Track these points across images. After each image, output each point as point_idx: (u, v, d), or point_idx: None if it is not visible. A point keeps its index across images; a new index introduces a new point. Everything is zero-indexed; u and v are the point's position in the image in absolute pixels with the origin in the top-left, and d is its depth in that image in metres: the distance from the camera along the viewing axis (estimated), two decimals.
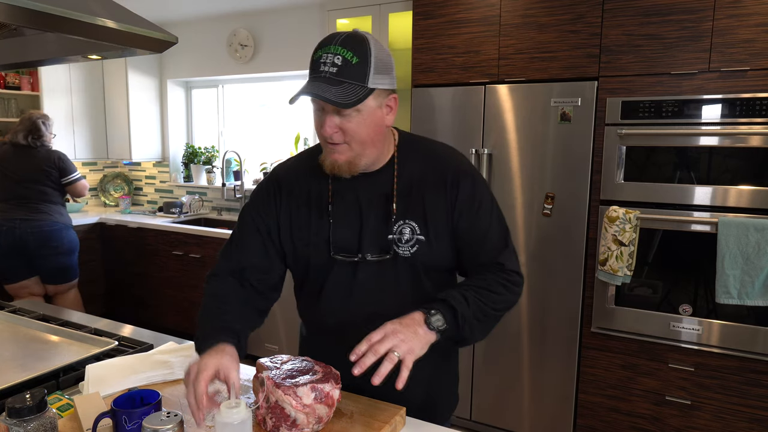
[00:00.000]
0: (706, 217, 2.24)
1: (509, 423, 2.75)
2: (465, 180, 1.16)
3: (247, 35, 4.06)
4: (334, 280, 1.19)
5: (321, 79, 1.04)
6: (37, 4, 1.13)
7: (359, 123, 1.07)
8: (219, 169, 4.46)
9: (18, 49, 1.65)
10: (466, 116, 2.71)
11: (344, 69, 1.03)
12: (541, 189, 2.57)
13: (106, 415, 0.96)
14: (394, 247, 1.15)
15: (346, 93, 1.02)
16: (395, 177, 1.16)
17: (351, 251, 1.17)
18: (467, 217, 1.16)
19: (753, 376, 2.24)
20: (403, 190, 1.16)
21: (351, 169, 1.12)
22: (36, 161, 3.30)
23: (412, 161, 1.18)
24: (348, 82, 1.03)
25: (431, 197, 1.15)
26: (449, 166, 1.18)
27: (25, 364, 1.36)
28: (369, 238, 1.16)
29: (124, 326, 1.71)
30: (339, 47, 1.04)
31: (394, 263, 1.16)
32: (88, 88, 4.37)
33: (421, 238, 1.15)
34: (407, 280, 1.17)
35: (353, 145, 1.09)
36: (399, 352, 0.97)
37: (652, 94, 2.32)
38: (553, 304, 2.59)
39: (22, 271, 3.33)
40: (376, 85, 1.06)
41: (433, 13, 2.78)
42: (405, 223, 1.15)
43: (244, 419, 0.93)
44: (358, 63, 1.03)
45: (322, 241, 1.18)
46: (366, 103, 1.05)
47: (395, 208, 1.15)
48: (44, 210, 3.30)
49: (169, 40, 1.48)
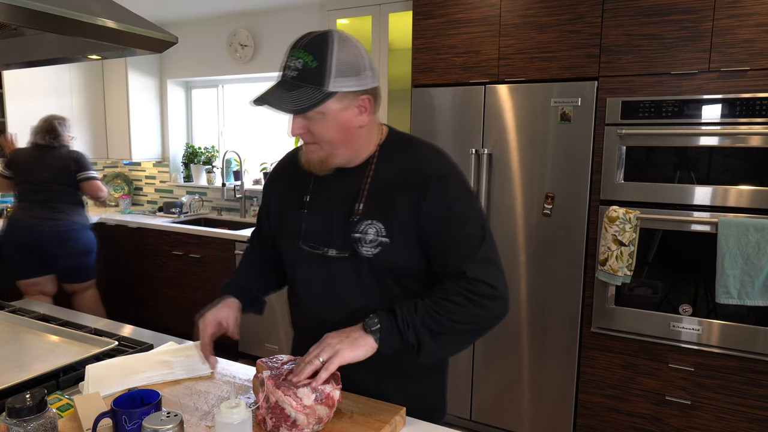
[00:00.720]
0: (706, 217, 2.24)
1: (509, 423, 2.75)
2: (437, 184, 1.12)
3: (247, 35, 4.06)
4: (303, 270, 1.23)
5: (280, 84, 1.06)
6: (37, 4, 1.13)
7: (323, 125, 1.08)
8: (219, 169, 4.46)
9: (18, 49, 1.65)
10: (466, 116, 2.71)
11: (303, 73, 1.04)
12: (541, 189, 2.57)
13: (106, 415, 0.96)
14: (355, 245, 1.13)
15: (299, 98, 1.03)
16: (369, 176, 1.16)
17: (318, 244, 1.19)
18: (434, 223, 1.11)
19: (753, 376, 2.24)
20: (375, 190, 1.15)
21: (323, 167, 1.14)
22: (55, 160, 3.38)
23: (391, 161, 1.17)
24: (305, 86, 1.03)
25: (401, 199, 1.12)
26: (425, 168, 1.15)
27: (25, 364, 1.36)
28: (336, 234, 1.16)
29: (124, 326, 1.71)
30: (301, 50, 1.04)
31: (356, 263, 1.15)
32: (88, 88, 4.37)
33: (385, 240, 1.12)
34: (371, 281, 1.15)
35: (323, 145, 1.11)
36: (323, 357, 1.03)
37: (652, 94, 2.32)
38: (553, 304, 2.59)
39: (35, 268, 3.37)
40: (338, 88, 1.04)
41: (433, 13, 2.78)
42: (371, 224, 1.13)
43: (244, 419, 0.93)
44: (317, 67, 1.03)
45: (294, 231, 1.21)
46: (327, 105, 1.05)
47: (361, 208, 1.14)
48: (63, 210, 3.35)
49: (169, 40, 1.48)
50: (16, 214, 3.33)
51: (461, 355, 2.82)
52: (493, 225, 2.68)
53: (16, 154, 3.43)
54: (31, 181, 3.33)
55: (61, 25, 1.21)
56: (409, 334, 1.04)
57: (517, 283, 2.66)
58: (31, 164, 3.36)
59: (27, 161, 3.37)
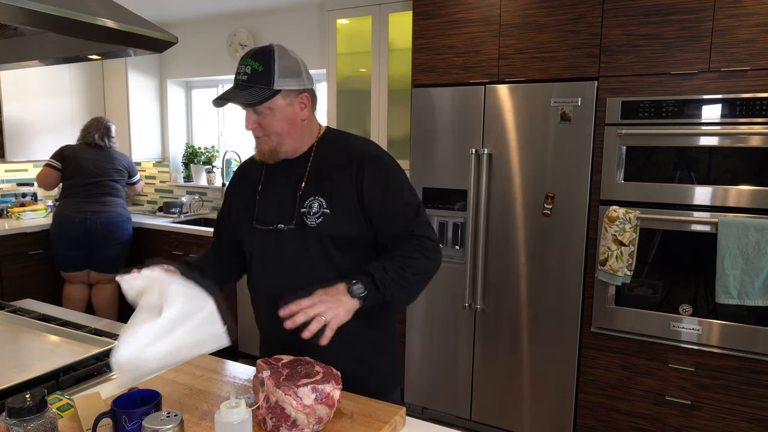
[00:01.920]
0: (706, 217, 2.24)
1: (509, 423, 2.75)
2: (370, 163, 1.32)
3: (247, 35, 4.06)
4: (258, 252, 1.37)
5: (235, 86, 1.27)
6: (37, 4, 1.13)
7: (272, 119, 1.28)
8: (219, 169, 4.46)
9: (18, 49, 1.65)
10: (466, 116, 2.71)
11: (252, 76, 1.25)
12: (541, 189, 2.57)
13: (106, 415, 0.96)
14: (302, 218, 1.31)
15: (252, 95, 1.24)
16: (310, 161, 1.36)
17: (269, 223, 1.35)
18: (375, 197, 1.30)
19: (753, 376, 2.24)
20: (315, 173, 1.35)
21: (273, 157, 1.33)
22: (111, 161, 3.67)
23: (329, 149, 1.38)
24: (255, 86, 1.25)
25: (339, 177, 1.32)
26: (357, 152, 1.35)
27: (25, 364, 1.36)
28: (284, 212, 1.34)
29: (124, 326, 1.71)
30: (249, 59, 1.26)
31: (303, 233, 1.31)
32: (88, 88, 4.37)
33: (326, 212, 1.31)
34: (317, 248, 1.31)
35: (271, 137, 1.31)
36: (326, 317, 1.11)
37: (652, 94, 2.32)
38: (553, 304, 2.59)
39: (81, 262, 3.60)
40: (282, 86, 1.26)
41: (433, 13, 2.78)
42: (315, 199, 1.32)
43: (244, 419, 0.93)
44: (264, 70, 1.25)
45: (249, 215, 1.39)
46: (275, 101, 1.26)
47: (303, 186, 1.34)
48: (111, 203, 3.62)
49: (169, 40, 1.48)
50: (66, 210, 3.53)
51: (461, 355, 2.83)
52: (493, 225, 2.68)
53: (69, 150, 3.64)
54: (85, 178, 3.57)
55: (61, 25, 1.21)
56: (386, 292, 1.20)
57: (517, 283, 2.66)
58: (85, 161, 3.59)
59: (80, 158, 3.60)
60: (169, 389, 1.23)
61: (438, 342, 2.89)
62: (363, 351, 1.37)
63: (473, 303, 2.77)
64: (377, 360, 1.41)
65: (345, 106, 3.54)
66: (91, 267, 3.66)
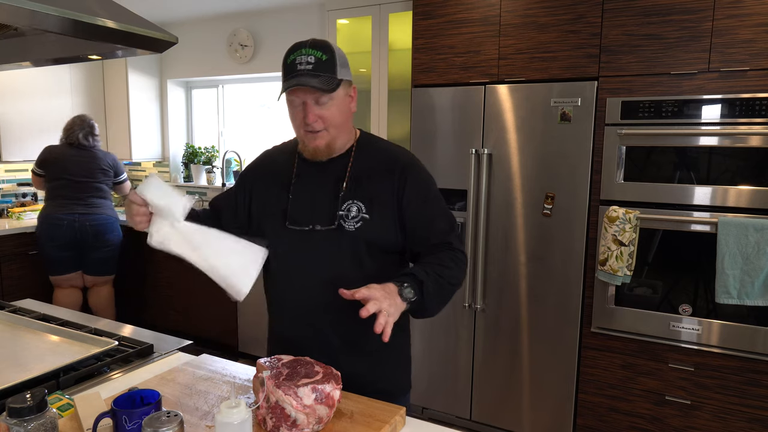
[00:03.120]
0: (706, 217, 2.24)
1: (509, 423, 2.75)
2: (412, 172, 1.33)
3: (247, 35, 4.06)
4: (285, 251, 1.33)
5: (302, 74, 1.22)
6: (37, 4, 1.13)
7: (335, 109, 1.26)
8: (219, 169, 4.46)
9: (18, 49, 1.65)
10: (466, 116, 2.71)
11: (318, 65, 1.22)
12: (541, 189, 2.57)
13: (106, 415, 0.96)
14: (340, 221, 1.29)
15: (324, 82, 1.22)
16: (350, 164, 1.34)
17: (303, 224, 1.32)
18: (416, 205, 1.31)
19: (753, 376, 2.24)
20: (355, 175, 1.33)
21: (329, 152, 1.31)
22: (96, 161, 3.58)
23: (366, 154, 1.36)
24: (323, 75, 1.22)
25: (379, 184, 1.31)
26: (399, 160, 1.35)
27: (25, 364, 1.36)
28: (320, 213, 1.32)
29: (124, 326, 1.71)
30: (309, 49, 1.23)
31: (339, 236, 1.29)
32: (88, 88, 4.37)
33: (365, 216, 1.29)
34: (350, 252, 1.29)
35: (330, 130, 1.28)
36: (391, 312, 1.10)
37: (652, 94, 2.32)
38: (553, 304, 2.59)
39: (71, 264, 3.55)
40: (343, 76, 1.26)
41: (433, 13, 2.78)
42: (353, 203, 1.30)
43: (244, 419, 0.93)
44: (328, 59, 1.23)
45: (280, 213, 1.34)
46: (338, 91, 1.25)
47: (345, 187, 1.31)
48: (99, 204, 3.58)
49: (169, 40, 1.48)
50: (51, 212, 3.46)
51: (461, 355, 2.83)
52: (493, 225, 2.68)
53: (50, 152, 3.56)
54: (69, 180, 3.48)
55: (61, 25, 1.21)
56: (428, 300, 1.19)
57: (517, 283, 2.66)
58: (69, 163, 3.51)
59: (64, 160, 3.51)
60: (169, 389, 1.23)
61: (438, 342, 2.89)
62: (376, 353, 1.36)
63: (473, 303, 2.77)
64: (389, 363, 1.39)
65: None
66: (84, 270, 3.62)
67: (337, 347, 1.31)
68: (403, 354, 1.45)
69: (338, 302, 1.15)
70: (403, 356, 1.44)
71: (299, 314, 1.34)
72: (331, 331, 1.31)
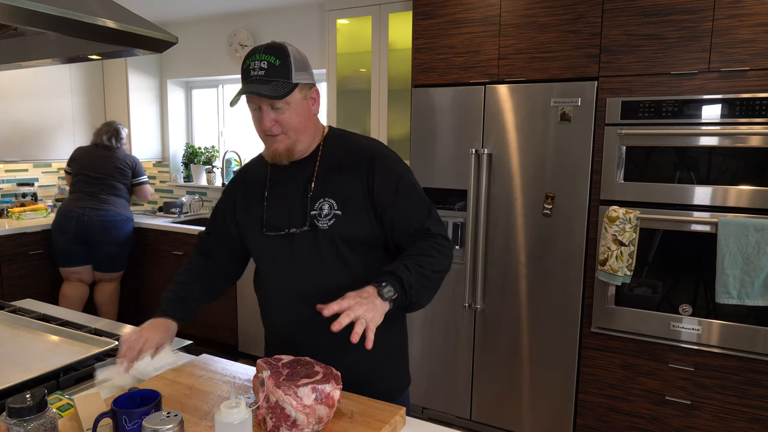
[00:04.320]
0: (706, 217, 2.24)
1: (509, 423, 2.75)
2: (380, 162, 1.31)
3: (247, 35, 4.06)
4: (269, 257, 1.35)
5: (253, 81, 1.23)
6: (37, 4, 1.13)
7: (291, 113, 1.25)
8: (219, 169, 4.46)
9: (18, 49, 1.65)
10: (466, 116, 2.71)
11: (270, 70, 1.22)
12: (541, 189, 2.57)
13: (106, 415, 0.96)
14: (314, 221, 1.29)
15: (275, 88, 1.21)
16: (317, 162, 1.34)
17: (280, 228, 1.33)
18: (387, 196, 1.29)
19: (753, 376, 2.24)
20: (324, 174, 1.32)
21: (289, 156, 1.31)
22: (114, 160, 3.77)
23: (334, 150, 1.35)
24: (275, 80, 1.22)
25: (348, 178, 1.30)
26: (366, 152, 1.33)
27: (25, 364, 1.36)
28: (295, 216, 1.32)
29: (124, 326, 1.71)
30: (262, 54, 1.23)
31: (315, 236, 1.29)
32: (88, 88, 4.37)
33: (337, 213, 1.29)
34: (329, 251, 1.29)
35: (289, 134, 1.28)
36: (366, 319, 1.09)
37: (652, 94, 2.32)
38: (553, 304, 2.59)
39: (79, 257, 3.67)
40: (299, 80, 1.24)
41: (433, 13, 2.78)
42: (324, 201, 1.30)
43: (244, 419, 0.93)
44: (281, 64, 1.22)
45: (257, 222, 1.36)
46: (293, 95, 1.24)
47: (313, 187, 1.31)
48: (111, 202, 3.69)
49: (169, 40, 1.48)
50: (67, 205, 3.64)
51: (461, 355, 2.83)
52: (493, 225, 2.68)
53: (78, 151, 3.82)
54: (88, 175, 3.69)
55: (61, 25, 1.21)
56: (412, 293, 1.19)
57: (517, 283, 2.66)
58: (91, 161, 3.74)
59: (87, 157, 3.76)
60: (169, 389, 1.23)
61: (438, 342, 2.89)
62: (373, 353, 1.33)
63: (473, 303, 2.77)
64: (387, 362, 1.39)
65: (345, 106, 3.54)
66: (93, 265, 3.73)
67: (330, 347, 1.29)
68: (400, 350, 1.44)
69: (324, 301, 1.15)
70: (399, 352, 1.44)
71: (289, 317, 1.34)
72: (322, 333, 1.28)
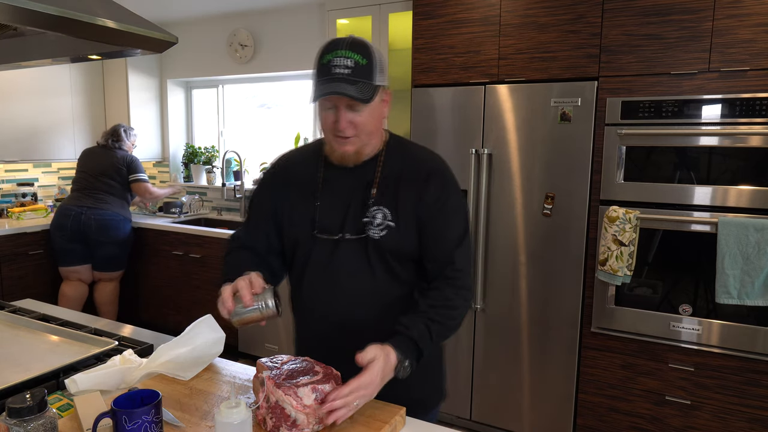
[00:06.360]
0: (706, 217, 2.24)
1: (509, 423, 2.75)
2: (435, 178, 1.26)
3: (247, 35, 4.06)
4: (315, 259, 1.29)
5: (338, 79, 1.14)
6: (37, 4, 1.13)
7: (368, 117, 1.20)
8: (219, 169, 4.46)
9: (18, 49, 1.65)
10: (466, 116, 2.71)
11: (356, 70, 1.14)
12: (541, 189, 2.57)
13: (106, 415, 0.96)
14: (365, 228, 1.25)
15: (363, 90, 1.14)
16: (378, 168, 1.28)
17: (332, 232, 1.27)
18: (430, 212, 1.25)
19: (753, 376, 2.24)
20: (383, 181, 1.27)
21: (357, 158, 1.26)
22: (111, 159, 3.79)
23: (395, 158, 1.30)
24: (361, 81, 1.15)
25: (405, 190, 1.26)
26: (425, 165, 1.29)
27: (25, 364, 1.36)
28: (349, 221, 1.26)
29: (124, 326, 1.71)
30: (348, 51, 1.15)
31: (366, 245, 1.25)
32: (88, 88, 4.37)
33: (390, 224, 1.24)
34: (378, 261, 1.25)
35: (362, 137, 1.22)
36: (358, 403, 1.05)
37: (652, 94, 2.32)
38: (553, 304, 2.59)
39: (78, 256, 3.69)
40: (380, 82, 1.19)
41: (433, 13, 2.78)
42: (379, 209, 1.25)
43: (244, 419, 0.93)
44: (367, 64, 1.16)
45: (308, 221, 1.29)
46: (374, 98, 1.18)
47: (374, 192, 1.26)
48: (108, 201, 3.71)
49: (169, 40, 1.48)
50: (66, 203, 3.68)
51: (461, 355, 2.83)
52: (493, 225, 2.68)
53: (84, 151, 3.89)
54: (87, 173, 3.74)
55: (61, 25, 1.21)
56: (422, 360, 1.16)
57: (517, 283, 2.66)
58: (91, 159, 3.80)
59: (89, 156, 3.83)
60: (169, 389, 1.23)
61: None
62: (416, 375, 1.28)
63: (473, 303, 2.77)
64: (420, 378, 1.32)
65: None
66: (92, 264, 3.75)
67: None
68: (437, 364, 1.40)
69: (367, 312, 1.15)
70: (436, 366, 1.39)
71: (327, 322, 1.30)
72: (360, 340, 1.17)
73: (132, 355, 1.30)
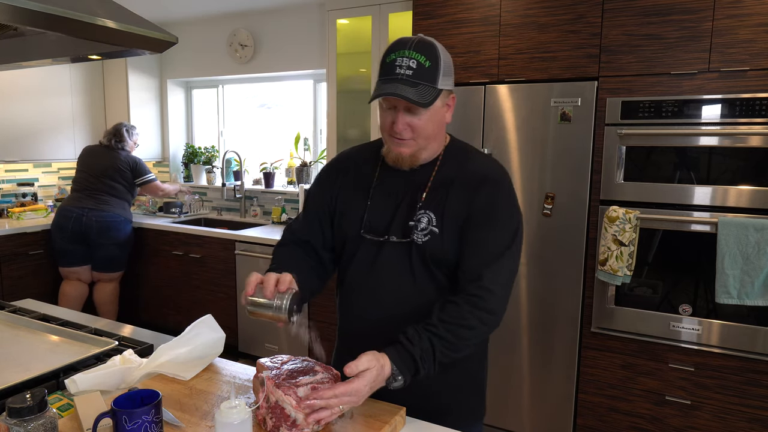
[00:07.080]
0: (706, 217, 2.24)
1: (509, 423, 2.75)
2: (488, 186, 1.21)
3: (247, 35, 4.06)
4: (360, 258, 1.28)
5: (398, 80, 1.12)
6: (37, 4, 1.13)
7: (427, 120, 1.17)
8: (219, 169, 4.46)
9: (18, 49, 1.65)
10: (466, 116, 2.71)
11: (419, 72, 1.12)
12: (541, 189, 2.57)
13: (106, 415, 0.96)
14: (410, 231, 1.22)
15: (422, 94, 1.11)
16: (434, 173, 1.25)
17: (379, 233, 1.26)
18: (474, 220, 1.20)
19: (753, 376, 2.24)
20: (435, 185, 1.24)
21: (412, 162, 1.23)
22: (113, 160, 3.77)
23: (452, 163, 1.26)
24: (422, 84, 1.12)
25: (455, 196, 1.22)
26: (481, 171, 1.24)
27: (25, 364, 1.36)
28: (396, 223, 1.24)
29: (124, 326, 1.71)
30: (413, 52, 1.12)
31: (409, 248, 1.22)
32: (88, 88, 4.37)
33: (434, 230, 1.21)
34: (420, 265, 1.22)
35: (419, 140, 1.19)
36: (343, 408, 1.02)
37: (652, 94, 2.32)
38: (553, 304, 2.59)
39: (78, 257, 3.69)
40: (444, 86, 1.15)
41: (433, 13, 2.78)
42: (425, 213, 1.22)
43: (244, 419, 0.93)
44: (431, 67, 1.12)
45: (358, 220, 1.28)
46: (436, 102, 1.15)
47: (424, 197, 1.23)
48: (109, 202, 3.71)
49: (169, 40, 1.48)
50: (67, 204, 3.67)
51: None
52: None
53: (85, 150, 3.87)
54: (88, 173, 3.73)
55: (61, 25, 1.21)
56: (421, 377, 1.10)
57: (517, 283, 2.66)
58: (93, 159, 3.78)
59: (90, 156, 3.81)
60: (169, 389, 1.23)
61: None
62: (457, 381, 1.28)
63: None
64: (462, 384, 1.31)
65: (345, 106, 3.54)
66: (92, 265, 3.75)
67: None
68: (478, 379, 1.37)
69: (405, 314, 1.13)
70: (477, 381, 1.37)
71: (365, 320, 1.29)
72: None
73: (132, 355, 1.30)
